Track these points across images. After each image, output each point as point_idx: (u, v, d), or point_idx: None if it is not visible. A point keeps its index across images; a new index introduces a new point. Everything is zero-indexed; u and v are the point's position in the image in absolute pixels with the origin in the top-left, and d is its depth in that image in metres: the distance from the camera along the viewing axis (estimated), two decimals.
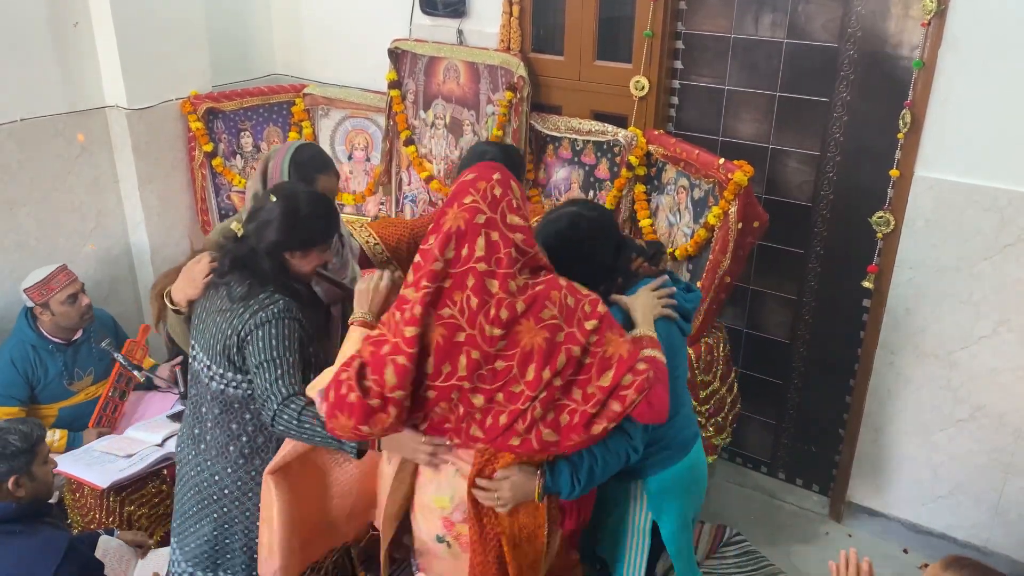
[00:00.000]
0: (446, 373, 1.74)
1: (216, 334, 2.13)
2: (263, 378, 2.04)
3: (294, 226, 2.12)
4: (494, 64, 3.50)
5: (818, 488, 3.47)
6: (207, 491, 2.28)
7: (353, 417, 1.74)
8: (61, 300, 3.17)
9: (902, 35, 2.77)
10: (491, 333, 1.72)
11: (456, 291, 1.72)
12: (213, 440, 2.23)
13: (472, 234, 1.72)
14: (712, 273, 2.82)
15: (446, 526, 1.96)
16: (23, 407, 3.17)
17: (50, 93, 3.51)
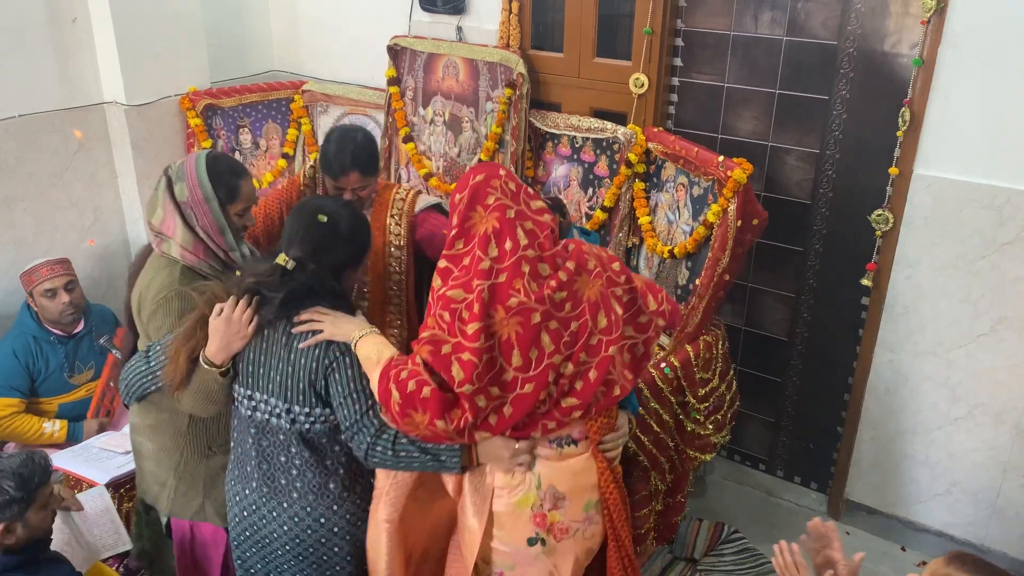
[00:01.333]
0: (536, 358, 1.82)
1: (294, 373, 1.96)
2: (351, 411, 1.93)
3: (355, 240, 2.06)
4: (493, 61, 3.50)
5: (816, 486, 3.47)
6: (311, 538, 2.07)
7: (429, 411, 1.78)
8: (40, 292, 3.17)
9: (902, 33, 2.77)
10: (559, 298, 1.85)
11: (515, 280, 1.82)
12: (307, 485, 2.03)
13: (510, 229, 1.85)
14: (711, 271, 2.82)
15: (537, 522, 1.95)
16: (24, 398, 3.17)
17: (48, 89, 3.50)
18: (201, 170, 2.17)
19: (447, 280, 1.86)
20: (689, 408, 2.91)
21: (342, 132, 2.61)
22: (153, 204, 2.20)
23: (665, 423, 2.84)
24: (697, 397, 2.93)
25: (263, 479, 2.06)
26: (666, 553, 3.16)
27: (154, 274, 2.19)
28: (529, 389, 1.82)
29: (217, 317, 1.95)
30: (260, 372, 2.00)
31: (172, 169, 2.21)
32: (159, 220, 2.18)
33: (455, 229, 1.88)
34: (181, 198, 2.16)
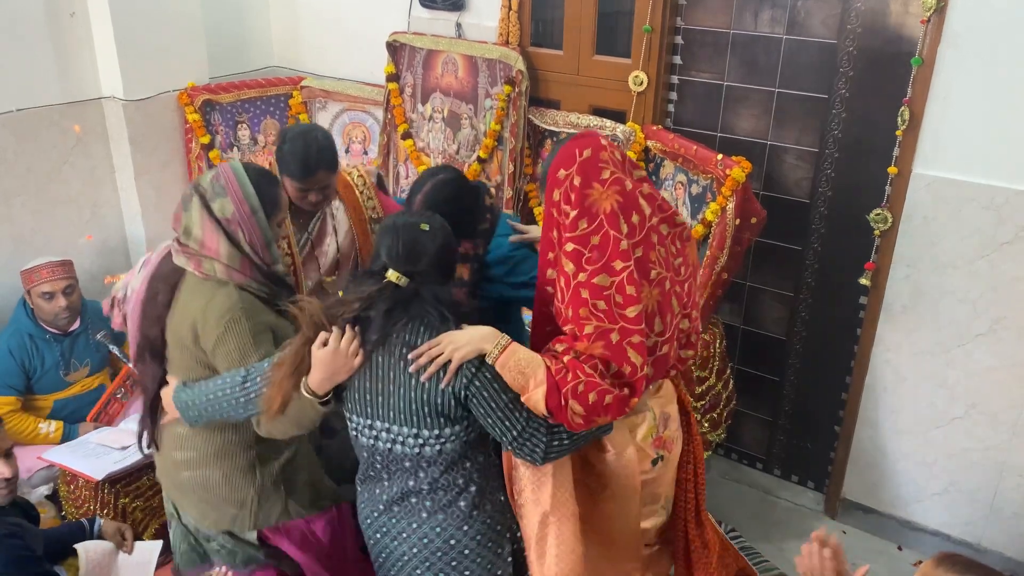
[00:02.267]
0: (669, 322, 1.94)
1: (419, 399, 1.85)
2: (513, 423, 1.84)
3: (454, 244, 1.99)
4: (493, 58, 3.49)
5: (813, 484, 3.47)
6: (441, 560, 2.00)
7: (611, 414, 1.82)
8: (38, 293, 3.16)
9: (901, 32, 2.77)
10: (677, 263, 1.99)
11: (650, 252, 1.90)
12: (436, 505, 1.96)
13: (633, 201, 1.88)
14: (709, 269, 2.82)
15: (657, 445, 2.14)
16: (20, 396, 3.16)
17: (46, 84, 3.49)
18: (246, 183, 2.01)
19: (581, 263, 1.84)
20: None
21: (302, 133, 2.44)
22: (187, 225, 2.01)
23: None
24: (694, 395, 2.94)
25: (389, 502, 1.99)
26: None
27: (208, 297, 1.99)
28: (666, 350, 1.95)
29: (321, 347, 1.83)
30: (378, 400, 1.89)
31: (203, 185, 2.01)
32: (198, 241, 2.00)
33: (576, 209, 1.84)
34: (224, 215, 1.98)
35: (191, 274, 2.03)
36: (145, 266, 2.27)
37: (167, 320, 2.07)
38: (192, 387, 2.03)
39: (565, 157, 1.89)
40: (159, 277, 2.11)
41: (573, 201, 1.86)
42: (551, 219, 1.93)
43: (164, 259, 2.13)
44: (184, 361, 2.07)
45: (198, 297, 2.01)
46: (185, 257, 2.02)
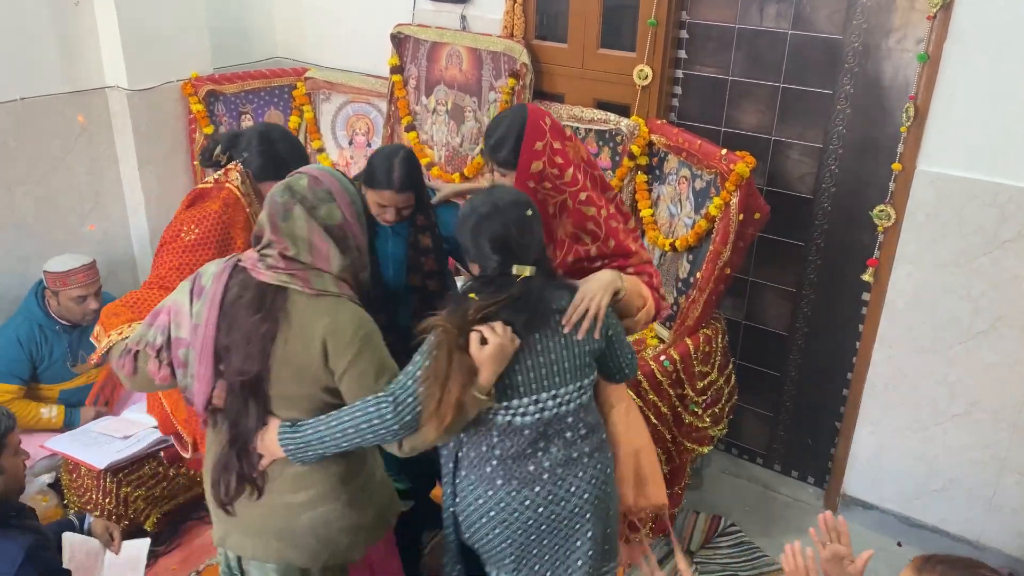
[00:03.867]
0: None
1: (579, 351, 1.96)
2: (628, 347, 2.12)
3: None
4: (497, 51, 3.49)
5: (813, 480, 3.48)
6: (606, 494, 2.07)
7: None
8: (71, 297, 3.16)
9: (907, 28, 2.76)
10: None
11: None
12: (592, 445, 2.05)
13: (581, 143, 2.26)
14: (712, 264, 2.82)
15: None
16: (23, 385, 3.17)
17: (50, 73, 3.49)
18: (349, 185, 1.90)
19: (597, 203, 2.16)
20: (687, 401, 2.92)
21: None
22: (290, 237, 1.80)
23: (663, 415, 2.85)
24: (695, 390, 2.94)
25: (556, 465, 1.99)
26: (663, 545, 3.17)
27: (332, 314, 1.81)
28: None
29: (481, 346, 1.82)
30: (552, 370, 1.94)
31: (298, 194, 1.82)
32: (309, 253, 1.81)
33: (569, 166, 2.12)
34: (332, 221, 1.83)
35: (297, 293, 1.80)
36: (204, 300, 1.86)
37: (273, 351, 1.80)
38: (308, 424, 1.84)
39: (534, 131, 2.08)
40: (244, 306, 1.82)
41: (562, 163, 2.09)
42: (530, 190, 2.09)
43: (239, 285, 1.84)
44: (302, 391, 1.85)
45: (319, 315, 1.80)
46: (288, 275, 1.80)
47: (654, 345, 3.08)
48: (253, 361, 1.81)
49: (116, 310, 2.27)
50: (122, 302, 2.31)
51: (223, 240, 2.30)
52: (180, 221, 2.33)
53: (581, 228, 2.18)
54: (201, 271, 1.89)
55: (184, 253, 2.29)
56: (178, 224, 2.33)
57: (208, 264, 1.91)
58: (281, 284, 1.80)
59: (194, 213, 2.33)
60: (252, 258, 1.83)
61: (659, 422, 2.83)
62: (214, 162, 2.38)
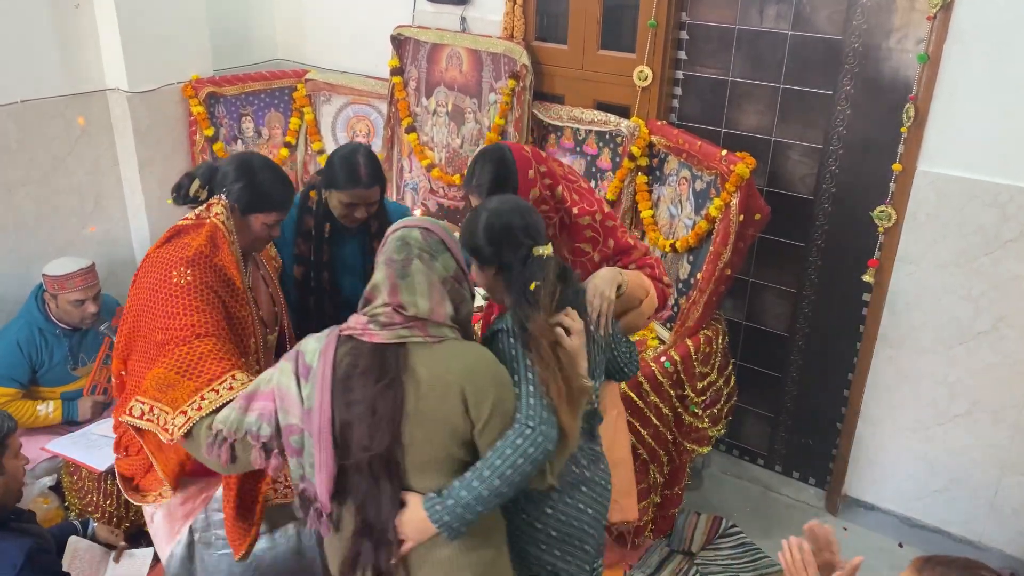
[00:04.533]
0: None
1: (605, 346, 2.04)
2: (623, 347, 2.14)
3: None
4: (497, 52, 3.49)
5: (814, 481, 3.48)
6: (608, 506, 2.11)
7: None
8: (69, 300, 3.16)
9: (907, 28, 2.76)
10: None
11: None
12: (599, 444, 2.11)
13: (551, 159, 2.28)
14: (712, 265, 2.82)
15: None
16: (22, 389, 3.16)
17: (51, 75, 3.49)
18: (450, 230, 1.84)
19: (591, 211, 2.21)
20: (688, 402, 2.92)
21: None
22: (412, 295, 1.70)
23: (664, 416, 2.85)
24: (696, 391, 2.94)
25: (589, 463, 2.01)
26: (663, 546, 3.17)
27: (462, 359, 1.71)
28: None
29: (568, 339, 1.82)
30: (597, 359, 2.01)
31: (415, 248, 1.73)
32: (427, 309, 1.70)
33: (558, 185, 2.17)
34: (449, 271, 1.76)
35: (417, 346, 1.68)
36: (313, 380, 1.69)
37: (404, 415, 1.65)
38: (458, 486, 1.67)
39: (522, 162, 2.11)
40: (360, 375, 1.67)
41: (551, 183, 2.16)
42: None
43: (350, 355, 1.69)
44: (438, 453, 1.70)
45: (449, 362, 1.69)
46: (406, 329, 1.68)
47: (654, 346, 3.08)
48: (383, 433, 1.64)
49: (166, 379, 1.91)
50: (164, 370, 1.93)
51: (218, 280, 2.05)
52: (164, 262, 2.05)
53: (581, 240, 2.21)
54: (302, 348, 1.72)
55: (190, 296, 2.00)
56: (162, 266, 2.04)
57: (307, 340, 1.74)
58: (399, 340, 1.67)
59: (179, 252, 2.04)
60: (360, 322, 1.70)
61: (659, 423, 2.83)
62: (192, 199, 2.18)
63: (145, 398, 1.90)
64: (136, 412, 1.90)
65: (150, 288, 2.03)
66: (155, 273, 2.04)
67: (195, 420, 1.80)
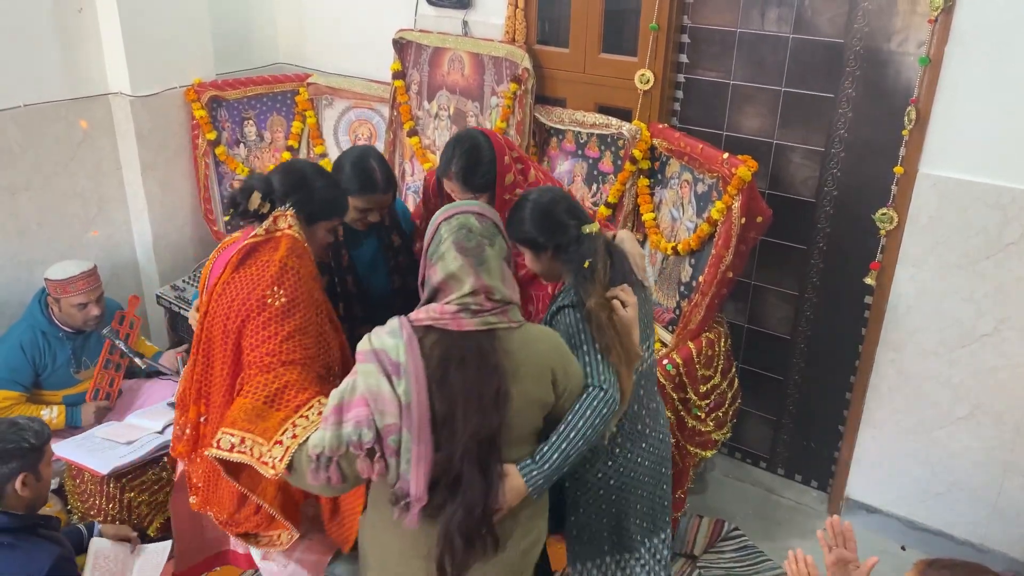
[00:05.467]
0: None
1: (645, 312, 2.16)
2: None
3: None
4: (499, 56, 3.50)
5: (817, 484, 3.47)
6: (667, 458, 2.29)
7: None
8: (72, 303, 3.16)
9: (908, 31, 2.77)
10: None
11: None
12: (660, 407, 2.30)
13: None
14: (714, 268, 2.81)
15: None
16: (25, 392, 3.17)
17: (53, 79, 3.50)
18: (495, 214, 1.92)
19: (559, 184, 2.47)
20: (690, 405, 2.91)
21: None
22: (491, 279, 1.74)
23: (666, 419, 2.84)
24: (698, 394, 2.93)
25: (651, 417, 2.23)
26: None
27: (544, 340, 1.84)
28: None
29: (624, 310, 1.95)
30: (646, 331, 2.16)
31: (479, 233, 1.78)
32: (507, 291, 1.78)
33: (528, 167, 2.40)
34: (506, 252, 1.84)
35: (503, 331, 1.75)
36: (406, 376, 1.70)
37: (507, 399, 1.73)
38: (548, 449, 1.83)
39: (499, 148, 2.28)
40: (457, 364, 1.71)
41: (524, 168, 2.31)
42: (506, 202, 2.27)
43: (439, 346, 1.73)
44: (530, 426, 1.84)
45: (536, 344, 1.80)
46: (495, 316, 1.74)
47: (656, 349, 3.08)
48: (491, 417, 1.70)
49: (255, 409, 1.84)
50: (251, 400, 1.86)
51: (310, 294, 2.00)
52: (251, 285, 1.95)
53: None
54: (379, 347, 1.71)
55: (285, 319, 1.92)
56: (250, 289, 1.95)
57: (377, 338, 1.73)
58: (488, 327, 1.73)
59: (265, 272, 1.96)
60: (446, 311, 1.72)
61: None
62: (253, 214, 2.04)
63: (235, 429, 1.81)
64: (225, 444, 1.80)
65: (240, 314, 1.93)
66: (242, 297, 1.94)
67: (293, 449, 1.76)
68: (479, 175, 2.25)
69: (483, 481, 1.73)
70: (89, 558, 2.52)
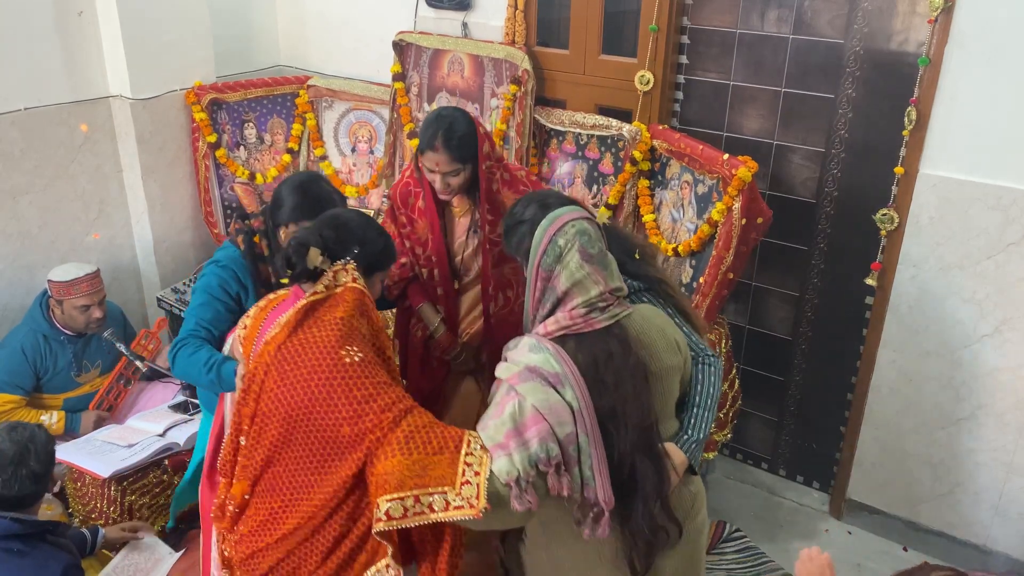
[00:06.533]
0: None
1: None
2: None
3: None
4: (499, 57, 3.50)
5: (818, 485, 3.47)
6: None
7: None
8: (75, 306, 3.17)
9: (908, 32, 2.76)
10: None
11: None
12: None
13: None
14: (715, 269, 2.81)
15: None
16: (26, 396, 3.17)
17: (54, 82, 3.51)
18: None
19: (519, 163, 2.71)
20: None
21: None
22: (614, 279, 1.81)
23: None
24: None
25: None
26: None
27: (656, 314, 1.92)
28: None
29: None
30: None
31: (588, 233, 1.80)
32: (624, 285, 1.85)
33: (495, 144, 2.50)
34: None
35: (625, 318, 1.79)
36: (568, 381, 1.71)
37: (653, 380, 1.80)
38: (694, 419, 1.91)
39: (475, 120, 2.36)
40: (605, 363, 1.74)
41: (492, 144, 2.40)
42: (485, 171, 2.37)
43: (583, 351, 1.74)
44: (672, 399, 1.90)
45: (654, 320, 1.87)
46: (618, 307, 1.79)
47: None
48: (647, 402, 1.75)
49: (416, 462, 1.70)
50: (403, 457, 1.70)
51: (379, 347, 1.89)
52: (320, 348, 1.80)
53: (518, 192, 2.41)
54: (531, 363, 1.72)
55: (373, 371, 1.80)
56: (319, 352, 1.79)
57: (524, 356, 1.74)
58: (616, 319, 1.76)
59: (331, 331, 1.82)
60: (576, 316, 1.74)
61: None
62: (315, 272, 1.91)
63: (403, 492, 1.66)
64: (397, 512, 1.65)
65: (312, 381, 1.76)
66: (313, 362, 1.77)
67: (484, 485, 1.66)
68: (465, 144, 2.32)
69: (655, 468, 1.74)
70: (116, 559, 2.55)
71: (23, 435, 2.22)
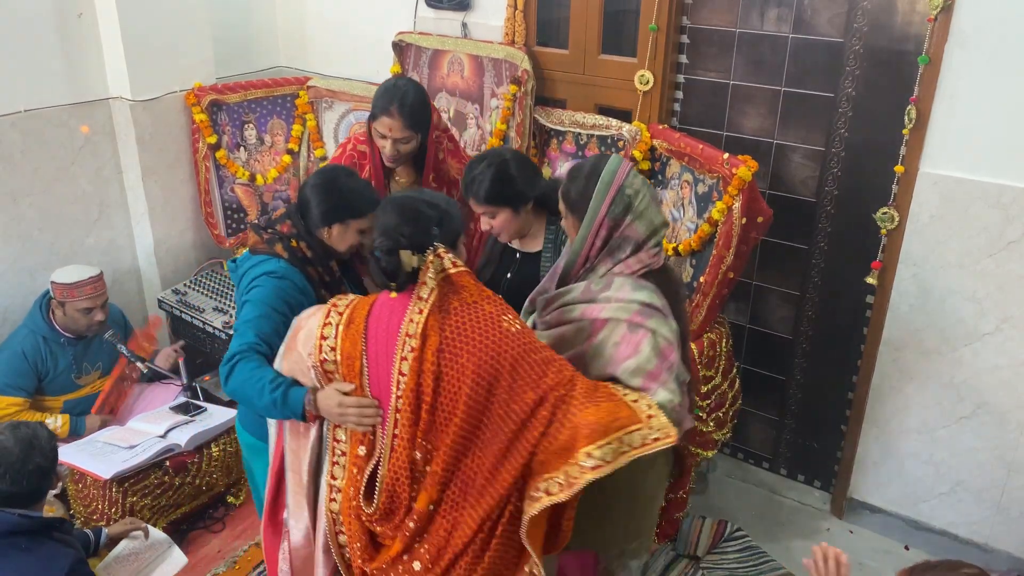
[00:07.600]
0: None
1: None
2: None
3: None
4: (498, 58, 3.50)
5: (820, 484, 3.47)
6: None
7: None
8: (78, 308, 3.17)
9: (908, 30, 2.76)
10: None
11: None
12: None
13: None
14: (715, 268, 2.81)
15: None
16: (28, 398, 3.18)
17: (54, 84, 3.51)
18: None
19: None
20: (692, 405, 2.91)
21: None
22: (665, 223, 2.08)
23: None
24: (700, 394, 2.93)
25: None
26: (669, 550, 3.16)
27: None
28: None
29: None
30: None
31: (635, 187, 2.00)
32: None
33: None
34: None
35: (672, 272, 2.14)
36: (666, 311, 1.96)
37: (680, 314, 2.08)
38: None
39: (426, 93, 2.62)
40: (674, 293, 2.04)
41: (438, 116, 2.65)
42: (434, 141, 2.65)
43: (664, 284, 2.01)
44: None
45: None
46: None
47: None
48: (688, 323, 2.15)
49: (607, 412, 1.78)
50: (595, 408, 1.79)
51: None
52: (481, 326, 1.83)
53: (460, 161, 2.68)
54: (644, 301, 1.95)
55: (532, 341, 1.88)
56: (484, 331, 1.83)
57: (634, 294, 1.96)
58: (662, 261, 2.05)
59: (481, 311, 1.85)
60: (652, 255, 2.01)
61: None
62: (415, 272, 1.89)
63: (602, 441, 1.75)
64: (609, 456, 1.74)
65: (491, 357, 1.79)
66: (483, 342, 1.80)
67: (661, 414, 1.83)
68: (417, 112, 2.51)
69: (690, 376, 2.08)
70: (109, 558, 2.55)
71: (26, 432, 2.23)
